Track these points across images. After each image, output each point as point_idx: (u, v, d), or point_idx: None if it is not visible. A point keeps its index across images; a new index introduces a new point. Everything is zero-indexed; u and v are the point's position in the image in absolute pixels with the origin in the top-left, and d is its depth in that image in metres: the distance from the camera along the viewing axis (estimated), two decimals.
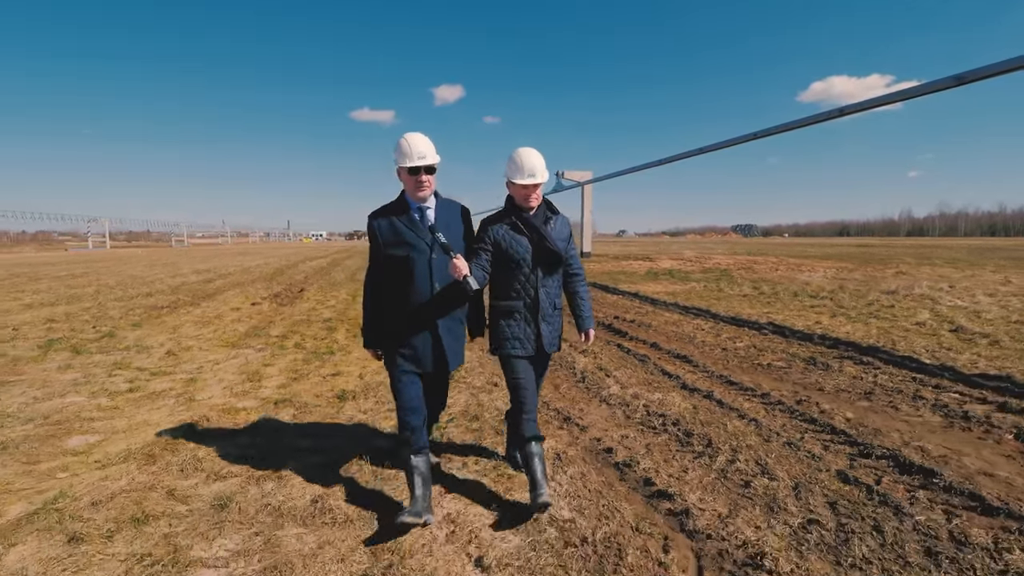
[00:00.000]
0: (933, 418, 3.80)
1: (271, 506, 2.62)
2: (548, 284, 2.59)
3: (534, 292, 2.55)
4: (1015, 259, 20.45)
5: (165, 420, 3.86)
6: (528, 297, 2.55)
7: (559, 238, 2.61)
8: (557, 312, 2.66)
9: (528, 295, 2.55)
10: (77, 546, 2.28)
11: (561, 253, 2.58)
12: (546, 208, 2.63)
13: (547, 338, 2.59)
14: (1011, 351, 5.58)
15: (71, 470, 3.05)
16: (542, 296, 2.56)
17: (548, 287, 2.59)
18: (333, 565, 2.15)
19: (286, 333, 7.15)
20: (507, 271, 2.56)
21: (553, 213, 2.65)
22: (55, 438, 3.54)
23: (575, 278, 2.76)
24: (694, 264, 19.91)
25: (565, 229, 2.68)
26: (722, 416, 3.83)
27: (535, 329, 2.57)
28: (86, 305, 10.24)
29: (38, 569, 2.12)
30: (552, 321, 2.62)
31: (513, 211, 2.58)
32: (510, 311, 2.57)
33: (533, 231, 2.52)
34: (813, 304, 9.12)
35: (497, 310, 2.61)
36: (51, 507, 2.60)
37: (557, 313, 2.66)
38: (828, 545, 2.26)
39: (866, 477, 2.86)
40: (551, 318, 2.61)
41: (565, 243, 2.65)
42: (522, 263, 2.52)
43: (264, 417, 3.89)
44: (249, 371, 5.20)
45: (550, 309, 2.60)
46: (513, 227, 2.54)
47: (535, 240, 2.52)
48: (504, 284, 2.58)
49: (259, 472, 3.00)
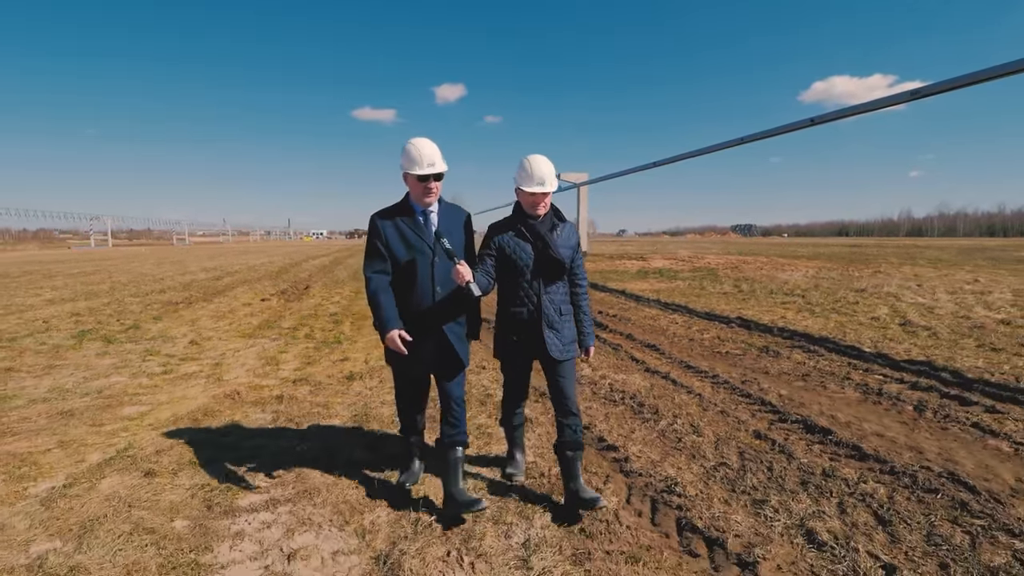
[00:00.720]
0: (853, 394, 4.48)
1: (297, 452, 3.31)
2: (552, 291, 2.60)
3: (536, 299, 2.57)
4: (996, 259, 21.10)
5: (201, 394, 4.55)
6: (531, 304, 2.57)
7: (565, 246, 2.62)
8: (564, 319, 2.64)
9: (531, 302, 2.57)
10: (152, 479, 2.96)
11: (564, 261, 2.59)
12: (553, 215, 2.65)
13: (555, 346, 2.59)
14: (945, 342, 6.26)
15: (131, 430, 3.73)
16: (545, 303, 2.57)
17: (552, 294, 2.60)
18: (350, 491, 2.84)
19: (296, 325, 7.84)
20: (511, 278, 2.59)
21: (560, 220, 2.66)
22: (111, 408, 4.23)
23: (578, 289, 2.75)
24: (685, 263, 20.57)
25: (573, 237, 2.69)
26: (673, 392, 4.51)
27: (539, 336, 2.58)
28: (105, 301, 10.92)
29: (126, 493, 2.80)
30: (559, 328, 2.61)
31: (520, 218, 2.61)
32: (513, 317, 2.61)
33: (538, 238, 2.55)
34: (784, 301, 9.80)
35: (501, 316, 2.68)
36: (124, 454, 3.28)
37: (564, 319, 2.64)
38: (728, 479, 2.94)
39: (776, 435, 3.54)
40: (558, 324, 2.61)
41: (571, 251, 2.67)
42: (525, 270, 2.54)
43: (285, 392, 4.58)
44: (267, 357, 5.88)
45: (556, 316, 2.60)
46: (518, 234, 2.57)
47: (539, 248, 2.54)
48: (508, 290, 2.62)
49: (286, 430, 3.68)
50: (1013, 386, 4.53)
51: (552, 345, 2.57)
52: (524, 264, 2.54)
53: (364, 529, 2.48)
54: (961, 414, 3.91)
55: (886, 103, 7.56)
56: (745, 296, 10.68)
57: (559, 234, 2.61)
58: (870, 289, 10.84)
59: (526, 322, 2.58)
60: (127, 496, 2.77)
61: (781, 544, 2.34)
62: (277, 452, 3.33)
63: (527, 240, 2.55)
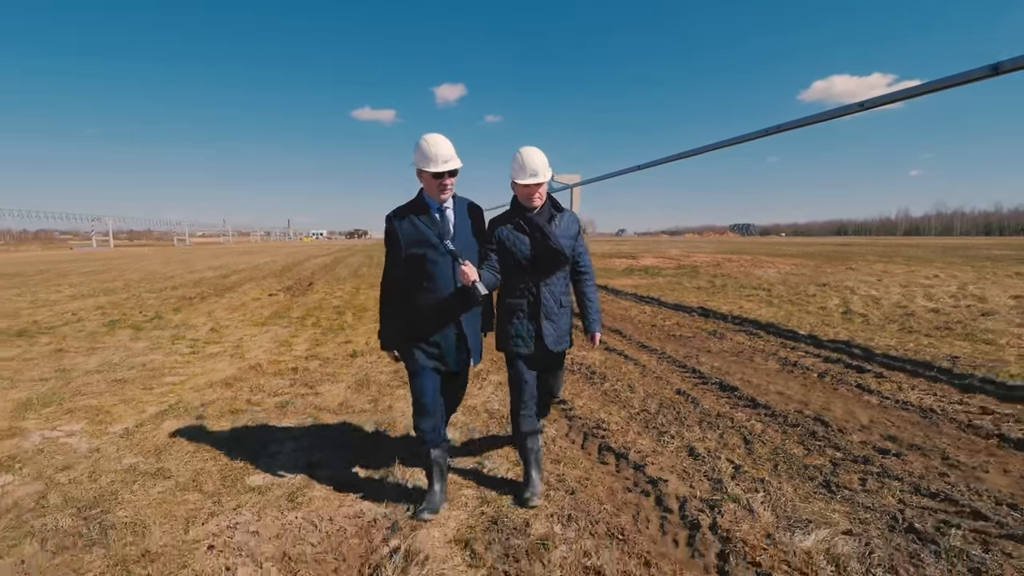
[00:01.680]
0: (773, 366, 5.36)
1: (314, 405, 4.20)
2: (552, 282, 2.63)
3: (536, 290, 2.60)
4: (970, 257, 21.96)
5: (228, 367, 5.43)
6: (531, 295, 2.60)
7: (565, 235, 2.63)
8: (563, 310, 2.69)
9: (531, 293, 2.60)
10: (202, 422, 3.85)
11: (563, 251, 2.60)
12: (551, 206, 2.66)
13: (550, 336, 2.63)
14: (872, 326, 7.15)
15: (176, 392, 4.61)
16: (544, 294, 2.60)
17: (552, 285, 2.63)
18: (351, 424, 3.72)
19: (304, 316, 8.72)
20: (511, 270, 2.62)
21: (558, 210, 2.67)
22: (155, 377, 5.10)
23: (583, 277, 2.78)
24: (672, 262, 21.45)
25: (573, 226, 2.69)
26: (623, 364, 5.40)
27: (536, 327, 2.62)
28: (123, 296, 11.78)
29: (180, 443, 3.68)
30: (556, 319, 2.65)
31: (517, 211, 2.62)
32: (513, 309, 2.64)
33: (535, 230, 2.56)
34: (749, 294, 10.69)
35: (502, 308, 2.70)
36: (176, 407, 4.17)
37: (563, 311, 2.69)
38: (645, 420, 3.83)
39: (693, 392, 4.42)
40: (556, 316, 2.64)
41: (572, 240, 2.67)
42: (524, 262, 2.57)
43: (299, 365, 5.46)
44: (280, 340, 6.76)
45: (555, 307, 2.64)
46: (516, 227, 2.60)
47: (537, 239, 2.56)
48: (509, 283, 2.65)
49: (303, 390, 4.58)
50: (906, 358, 5.42)
51: (548, 335, 2.62)
52: (523, 256, 2.57)
53: (367, 453, 3.37)
54: (853, 379, 4.79)
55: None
56: (716, 290, 11.57)
57: (558, 224, 2.62)
58: (832, 284, 11.72)
59: (526, 313, 2.61)
60: (184, 432, 3.65)
61: (668, 456, 3.23)
62: (296, 404, 4.22)
63: (525, 232, 2.58)
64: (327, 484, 2.92)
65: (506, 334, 2.68)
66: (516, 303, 2.64)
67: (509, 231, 2.61)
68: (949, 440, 3.42)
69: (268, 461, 3.20)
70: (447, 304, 2.53)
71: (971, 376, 4.72)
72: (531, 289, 2.61)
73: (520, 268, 2.59)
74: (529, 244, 2.57)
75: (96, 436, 3.60)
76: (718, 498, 2.70)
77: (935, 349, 5.79)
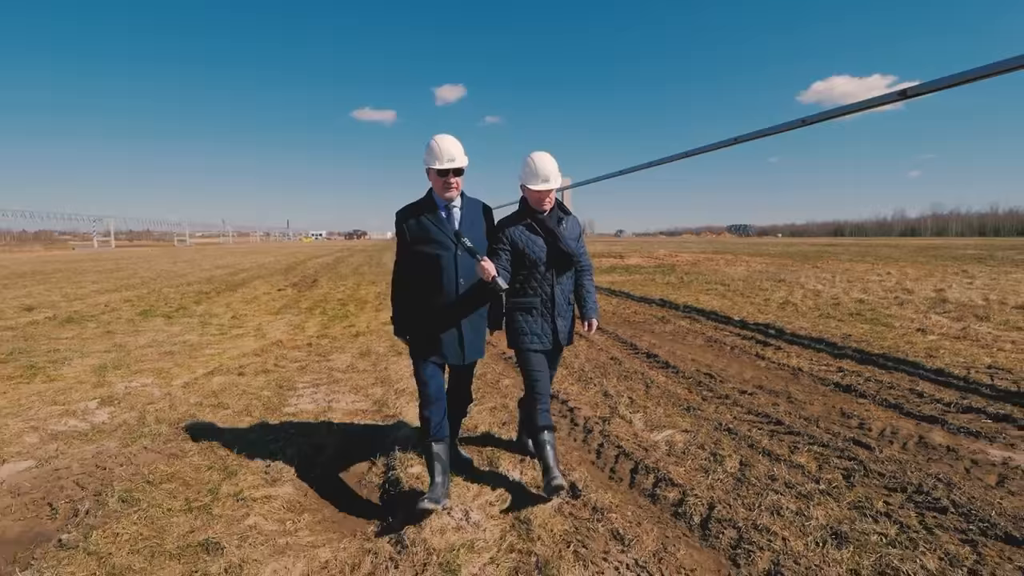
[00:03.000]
0: (699, 343, 6.57)
1: (328, 367, 5.41)
2: (563, 281, 2.77)
3: (550, 289, 2.72)
4: (937, 257, 23.22)
5: (253, 344, 6.63)
6: (544, 294, 2.72)
7: (571, 237, 2.77)
8: (570, 307, 2.85)
9: (545, 292, 2.72)
10: (242, 377, 5.05)
11: (574, 253, 2.75)
12: (558, 209, 2.79)
13: (562, 332, 2.78)
14: (799, 314, 8.36)
15: (216, 360, 5.81)
16: (557, 293, 2.73)
17: (563, 284, 2.77)
18: (360, 381, 4.92)
19: (312, 307, 9.92)
20: (524, 270, 2.71)
21: (565, 214, 2.80)
22: (196, 350, 6.30)
23: (583, 272, 2.93)
24: (655, 260, 22.69)
25: (576, 229, 2.84)
26: (577, 341, 6.60)
27: (551, 324, 2.74)
28: (144, 291, 12.96)
29: (230, 382, 4.87)
30: (566, 316, 2.80)
31: (528, 213, 2.73)
32: (528, 307, 2.73)
33: (548, 232, 2.68)
34: (709, 288, 11.91)
35: (515, 306, 2.77)
36: (219, 369, 5.37)
37: (570, 308, 2.85)
38: (579, 376, 5.04)
39: (623, 358, 5.63)
40: (565, 313, 2.79)
41: (575, 242, 2.82)
42: (538, 262, 2.67)
43: (312, 342, 6.66)
44: (294, 324, 7.97)
45: (564, 304, 2.78)
46: (529, 228, 2.70)
47: (550, 241, 2.67)
48: (521, 282, 2.74)
49: (317, 358, 5.79)
50: (809, 336, 6.63)
51: (561, 332, 2.78)
52: (537, 257, 2.67)
53: (367, 395, 4.58)
54: (755, 350, 6.01)
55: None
56: (682, 285, 12.80)
57: (565, 227, 2.77)
58: (788, 280, 12.96)
59: (539, 312, 2.73)
60: (231, 383, 4.86)
61: (587, 396, 4.44)
62: (313, 367, 5.43)
63: (538, 234, 2.69)
64: (344, 409, 4.13)
65: (519, 331, 2.75)
66: (530, 302, 2.73)
67: (522, 232, 2.70)
68: (799, 388, 4.64)
69: (297, 399, 4.41)
70: (448, 300, 2.60)
71: (847, 348, 5.94)
72: (545, 288, 2.72)
73: (534, 268, 2.69)
74: (544, 246, 2.68)
75: (164, 386, 4.81)
76: (610, 416, 3.92)
77: (837, 329, 7.02)
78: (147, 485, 2.91)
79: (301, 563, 2.25)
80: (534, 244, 2.67)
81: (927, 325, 7.11)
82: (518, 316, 2.76)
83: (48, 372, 5.28)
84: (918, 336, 6.54)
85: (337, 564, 2.25)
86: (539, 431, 2.75)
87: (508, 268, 2.67)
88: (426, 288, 2.63)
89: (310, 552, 2.33)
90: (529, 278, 2.72)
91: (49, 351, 6.23)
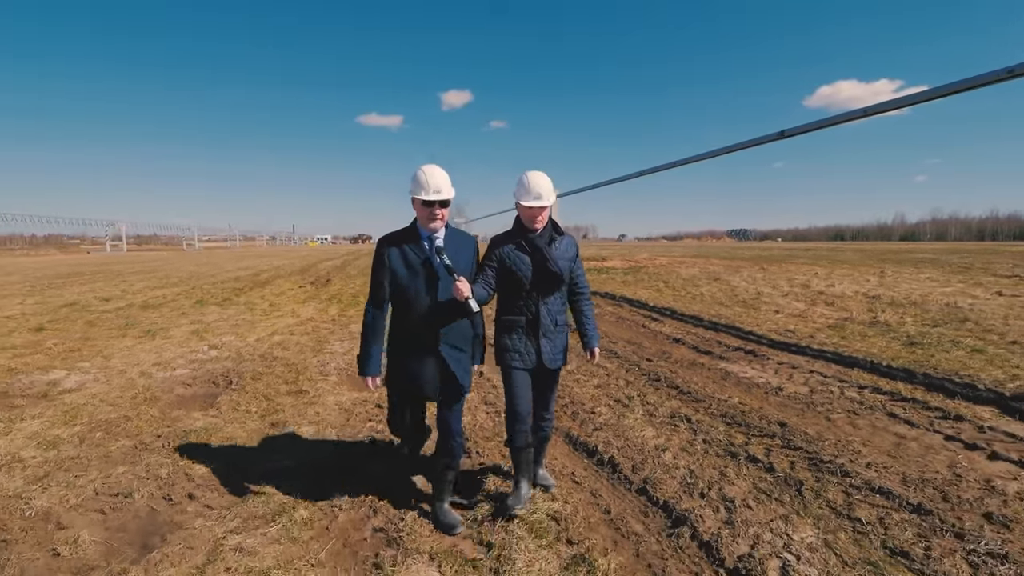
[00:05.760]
0: (612, 320, 9.12)
1: (348, 332, 8.03)
2: (550, 302, 2.73)
3: (535, 309, 2.70)
4: (888, 261, 25.66)
5: (291, 321, 9.23)
6: (530, 313, 2.70)
7: (563, 257, 2.74)
8: (560, 328, 2.78)
9: (530, 311, 2.70)
10: (293, 336, 7.67)
11: (561, 274, 2.70)
12: (552, 229, 2.76)
13: (548, 354, 2.73)
14: (702, 302, 10.90)
15: (270, 328, 8.41)
16: (543, 313, 2.70)
17: (550, 304, 2.73)
18: None
19: (330, 298, 12.56)
20: (510, 288, 2.71)
21: (559, 234, 2.77)
22: (253, 324, 8.92)
23: (581, 297, 2.91)
24: (631, 263, 25.24)
25: (571, 249, 2.80)
26: None
27: (535, 344, 2.71)
28: (187, 287, 15.60)
29: (286, 340, 7.48)
30: (554, 337, 2.76)
31: (520, 231, 2.73)
32: (512, 326, 2.73)
33: (536, 251, 2.67)
34: (652, 285, 14.48)
35: (500, 324, 2.78)
36: (276, 332, 7.99)
37: (560, 330, 2.78)
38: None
39: None
40: (552, 334, 2.75)
41: (570, 263, 2.78)
42: (524, 281, 2.66)
43: (335, 320, 9.27)
44: (319, 309, 10.60)
45: (551, 326, 2.74)
46: (518, 247, 2.69)
47: (538, 260, 2.65)
48: (508, 300, 2.75)
49: (340, 327, 8.41)
50: (691, 315, 9.19)
51: (546, 354, 2.73)
52: (524, 276, 2.66)
53: None
54: (644, 323, 8.57)
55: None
56: (634, 283, 15.36)
57: (557, 246, 2.73)
58: (722, 279, 15.50)
59: (524, 330, 2.71)
60: (285, 339, 7.47)
61: None
62: (339, 332, 8.03)
63: (526, 252, 2.68)
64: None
65: (503, 348, 2.76)
66: (515, 320, 2.72)
67: (511, 250, 2.69)
68: (649, 341, 7.20)
69: (330, 346, 7.01)
70: (429, 330, 2.56)
71: (708, 321, 8.52)
72: (530, 308, 2.70)
73: (520, 287, 2.67)
74: (530, 264, 2.66)
75: (243, 341, 7.41)
76: None
77: (715, 311, 9.58)
78: (258, 375, 5.52)
79: (344, 394, 4.84)
80: (521, 262, 2.67)
81: (782, 308, 9.67)
82: (503, 334, 2.77)
83: (162, 335, 7.91)
84: (770, 314, 9.09)
85: (360, 396, 4.84)
86: (517, 451, 2.83)
87: (492, 285, 2.67)
88: (404, 318, 2.63)
89: (347, 393, 4.92)
90: (515, 297, 2.71)
91: (150, 324, 8.86)
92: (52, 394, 4.98)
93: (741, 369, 5.71)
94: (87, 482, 3.24)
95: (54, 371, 5.76)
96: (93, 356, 6.47)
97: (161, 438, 3.91)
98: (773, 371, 5.60)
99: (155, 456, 3.59)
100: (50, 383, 5.32)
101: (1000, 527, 2.64)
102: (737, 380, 5.32)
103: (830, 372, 5.51)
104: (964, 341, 6.68)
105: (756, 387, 5.07)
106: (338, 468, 3.43)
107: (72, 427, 4.13)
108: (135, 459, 3.56)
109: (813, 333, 7.49)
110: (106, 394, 4.95)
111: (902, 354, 6.18)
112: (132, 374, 5.66)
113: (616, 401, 4.73)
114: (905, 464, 3.36)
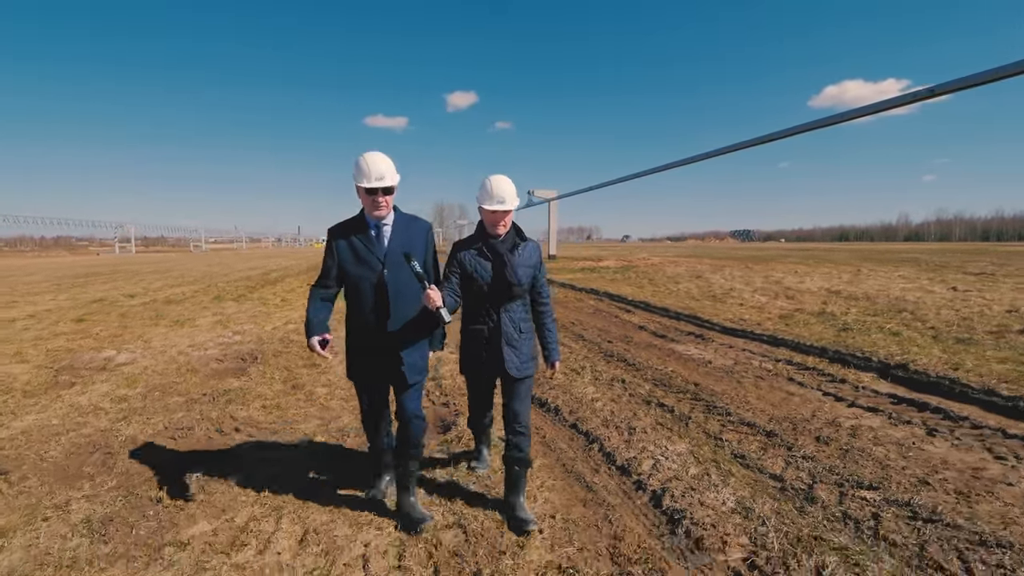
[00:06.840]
0: (591, 312, 10.14)
1: None
2: (512, 309, 2.67)
3: (496, 317, 2.64)
4: (869, 260, 26.52)
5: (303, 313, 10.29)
6: (491, 321, 2.64)
7: (525, 265, 2.67)
8: (524, 336, 2.71)
9: (491, 319, 2.64)
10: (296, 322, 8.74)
11: (519, 282, 2.63)
12: (515, 235, 2.70)
13: (511, 362, 2.65)
14: (677, 297, 11.90)
15: (284, 319, 9.47)
16: (504, 320, 2.64)
17: (511, 312, 2.67)
18: None
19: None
20: (471, 295, 2.65)
21: (522, 240, 2.71)
22: (269, 314, 9.99)
23: (543, 309, 2.82)
24: (625, 263, 26.22)
25: (534, 256, 2.73)
26: None
27: (497, 353, 2.65)
28: (203, 285, 16.72)
29: (300, 329, 8.54)
30: (518, 345, 2.68)
31: (482, 236, 2.67)
32: (474, 334, 2.69)
33: (497, 257, 2.61)
34: (636, 282, 15.49)
35: (464, 332, 2.75)
36: (289, 322, 9.06)
37: (524, 337, 2.71)
38: None
39: None
40: (516, 343, 2.67)
41: (532, 269, 2.71)
42: (484, 288, 2.60)
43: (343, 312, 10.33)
44: None
45: (515, 334, 2.67)
46: (479, 252, 2.64)
47: (497, 267, 2.60)
48: (470, 308, 2.70)
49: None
50: (661, 307, 10.19)
51: (510, 362, 2.65)
52: (484, 282, 2.60)
53: None
54: (617, 314, 9.58)
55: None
56: (621, 281, 16.37)
57: (520, 253, 2.67)
58: (703, 277, 16.48)
59: (487, 339, 2.65)
60: (300, 328, 8.52)
61: None
62: None
63: (487, 258, 2.62)
64: None
65: (467, 357, 2.75)
66: (476, 329, 2.68)
67: (472, 256, 2.64)
68: (616, 327, 8.22)
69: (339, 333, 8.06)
70: (380, 320, 2.59)
71: (672, 311, 9.53)
72: (491, 315, 2.64)
73: (481, 293, 2.62)
74: (491, 271, 2.60)
75: (261, 328, 8.48)
76: None
77: (685, 304, 10.58)
78: (279, 353, 6.58)
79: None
80: (482, 268, 2.62)
81: (747, 301, 10.67)
82: (466, 342, 2.75)
83: (190, 324, 9.00)
84: (734, 307, 10.09)
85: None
86: (476, 431, 3.26)
87: (457, 293, 2.63)
88: (357, 310, 2.66)
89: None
90: (477, 303, 2.67)
91: (177, 315, 9.95)
92: (110, 367, 6.06)
93: (686, 349, 6.72)
94: (157, 421, 4.31)
95: (106, 351, 6.85)
96: (134, 340, 7.56)
97: (207, 395, 4.98)
98: (713, 351, 6.61)
99: (204, 406, 4.66)
100: (106, 359, 6.40)
101: (822, 444, 3.66)
102: (679, 356, 6.33)
103: (759, 351, 6.52)
104: (887, 327, 7.66)
105: (691, 361, 6.08)
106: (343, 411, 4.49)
107: (134, 388, 5.20)
108: (189, 408, 4.63)
109: (762, 321, 8.49)
110: (155, 367, 6.03)
111: (829, 336, 7.18)
112: (172, 353, 6.74)
113: (571, 370, 5.75)
114: (779, 409, 4.38)
